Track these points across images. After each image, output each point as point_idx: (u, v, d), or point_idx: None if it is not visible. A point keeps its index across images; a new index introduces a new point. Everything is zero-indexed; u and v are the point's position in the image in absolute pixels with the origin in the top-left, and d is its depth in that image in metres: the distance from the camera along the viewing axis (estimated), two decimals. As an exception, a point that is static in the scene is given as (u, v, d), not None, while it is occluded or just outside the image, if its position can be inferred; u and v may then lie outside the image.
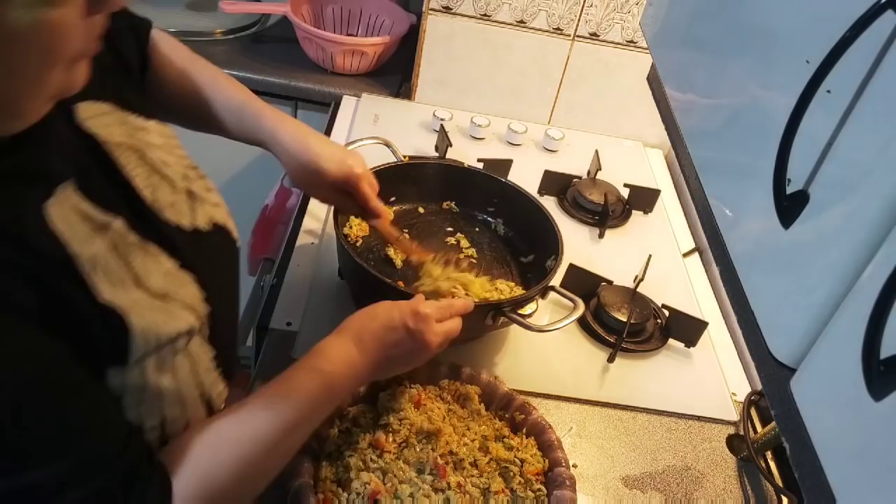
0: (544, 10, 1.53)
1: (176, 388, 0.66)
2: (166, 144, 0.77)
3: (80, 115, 0.68)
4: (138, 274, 0.65)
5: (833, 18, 0.53)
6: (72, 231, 0.60)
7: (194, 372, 0.69)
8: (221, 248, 0.81)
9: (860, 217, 0.49)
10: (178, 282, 0.69)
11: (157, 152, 0.74)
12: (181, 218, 0.74)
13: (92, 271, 0.60)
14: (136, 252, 0.65)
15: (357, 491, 0.82)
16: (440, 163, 1.28)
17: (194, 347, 0.69)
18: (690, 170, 0.81)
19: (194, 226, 0.76)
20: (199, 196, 0.78)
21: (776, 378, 0.57)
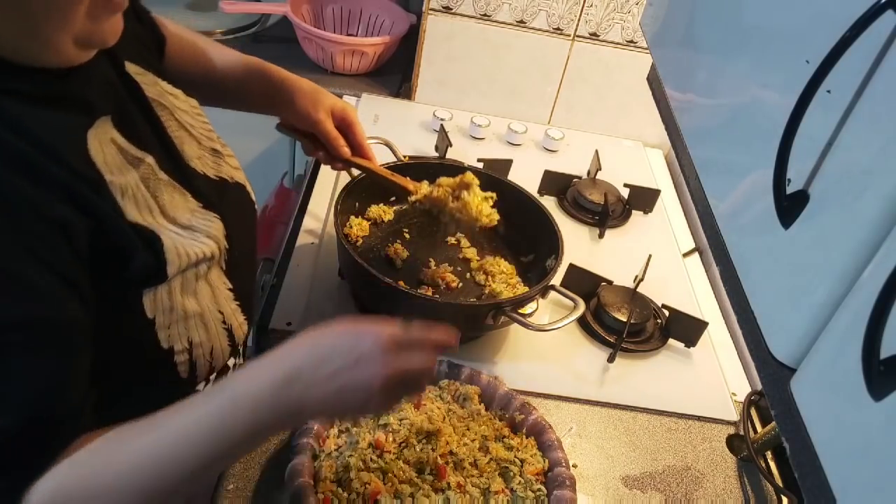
0: (544, 10, 1.53)
1: (199, 311, 0.73)
2: (191, 111, 0.85)
3: (129, 68, 0.76)
4: (165, 207, 0.71)
5: (833, 18, 0.53)
6: (106, 159, 0.66)
7: (215, 299, 0.75)
8: (241, 202, 0.88)
9: (860, 217, 0.49)
10: (203, 218, 0.75)
11: (183, 115, 0.82)
12: (207, 169, 0.81)
13: (121, 197, 0.66)
14: (165, 188, 0.72)
15: (357, 491, 0.82)
16: (440, 163, 1.28)
17: (213, 277, 0.75)
18: (690, 170, 0.81)
19: (219, 176, 0.83)
20: (223, 154, 0.86)
21: (776, 378, 0.57)
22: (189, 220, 0.74)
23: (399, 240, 1.19)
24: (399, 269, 1.15)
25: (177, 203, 0.73)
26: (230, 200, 0.83)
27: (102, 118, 0.68)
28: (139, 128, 0.73)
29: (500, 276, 1.15)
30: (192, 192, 0.76)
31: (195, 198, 0.76)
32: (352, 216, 1.18)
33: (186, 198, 0.75)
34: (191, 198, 0.76)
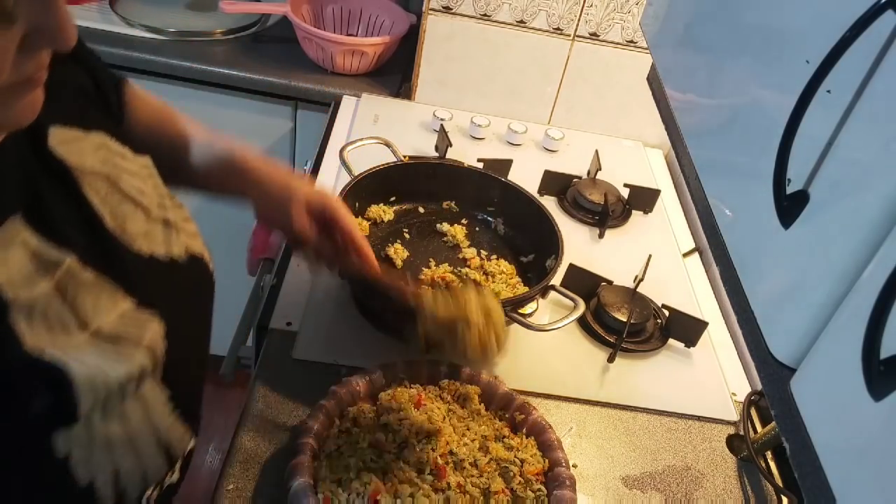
0: (544, 10, 1.53)
1: (126, 437, 0.60)
2: (142, 173, 0.72)
3: (52, 139, 0.63)
4: (86, 316, 0.58)
5: (833, 18, 0.53)
6: (10, 273, 0.54)
7: (148, 417, 0.63)
8: (196, 281, 0.75)
9: (860, 217, 0.49)
10: (135, 321, 0.62)
11: (132, 180, 0.69)
12: (155, 247, 0.69)
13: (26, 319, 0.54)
14: (88, 291, 0.59)
15: (357, 491, 0.82)
16: (440, 162, 1.28)
17: (147, 391, 0.62)
18: (690, 170, 0.81)
19: (169, 255, 0.70)
20: (176, 225, 0.73)
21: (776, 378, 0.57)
22: (116, 328, 0.60)
23: (399, 240, 1.19)
24: (399, 269, 1.15)
25: (102, 307, 0.60)
26: (180, 284, 0.71)
27: (10, 219, 0.55)
28: (60, 218, 0.60)
29: (500, 276, 1.15)
30: (127, 286, 0.63)
31: (130, 293, 0.63)
32: (352, 216, 1.18)
33: (116, 298, 0.61)
34: (122, 296, 0.62)
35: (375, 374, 0.95)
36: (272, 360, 1.03)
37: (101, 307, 0.60)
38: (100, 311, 0.60)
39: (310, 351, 1.04)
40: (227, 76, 1.61)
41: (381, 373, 0.95)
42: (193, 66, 1.61)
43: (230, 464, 0.89)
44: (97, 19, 1.67)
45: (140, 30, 1.67)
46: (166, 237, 0.70)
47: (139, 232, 0.67)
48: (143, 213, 0.68)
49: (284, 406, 0.96)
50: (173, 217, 0.73)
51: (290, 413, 0.96)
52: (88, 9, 1.71)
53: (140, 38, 1.65)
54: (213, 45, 1.71)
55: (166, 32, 1.68)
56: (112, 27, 1.66)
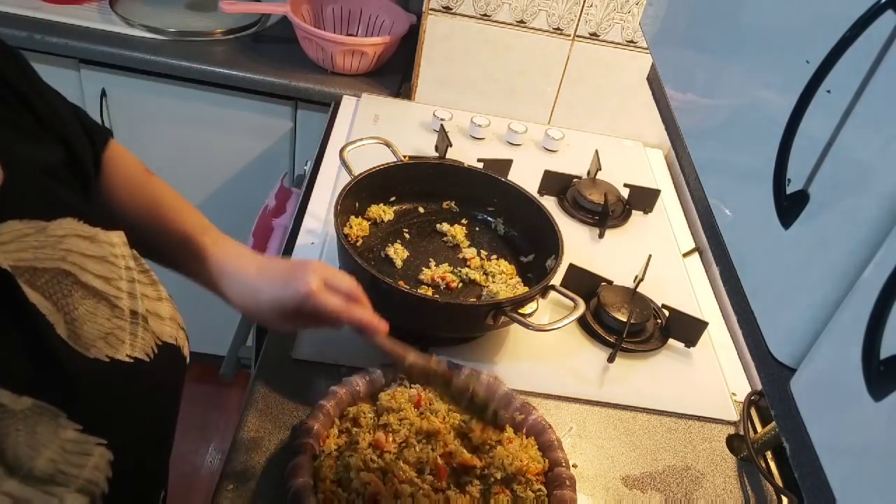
0: (544, 10, 1.53)
1: None
2: (111, 255, 0.65)
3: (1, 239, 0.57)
4: (16, 459, 0.52)
5: (833, 18, 0.53)
6: None
7: None
8: (162, 378, 0.68)
9: (860, 217, 0.49)
10: (77, 454, 0.56)
11: (97, 268, 0.63)
12: (117, 350, 0.62)
13: None
14: (24, 425, 0.53)
15: (357, 491, 0.82)
16: (440, 162, 1.28)
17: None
18: (690, 170, 0.81)
19: (133, 356, 0.63)
20: (144, 315, 0.66)
21: (776, 378, 0.57)
22: (54, 465, 0.54)
23: (399, 240, 1.19)
24: (399, 269, 1.15)
25: (38, 442, 0.53)
26: (141, 390, 0.64)
27: None
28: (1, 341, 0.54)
29: (500, 277, 1.15)
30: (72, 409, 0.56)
31: (75, 417, 0.56)
32: (352, 216, 1.18)
33: (56, 429, 0.55)
34: (65, 423, 0.55)
35: (375, 374, 0.95)
36: (272, 360, 1.03)
37: (37, 443, 0.54)
38: (35, 448, 0.54)
39: (310, 351, 1.04)
40: (227, 76, 1.61)
41: (381, 373, 0.95)
42: (193, 66, 1.61)
43: (230, 464, 0.89)
44: (97, 19, 1.67)
45: (140, 30, 1.67)
46: (132, 334, 0.64)
47: (99, 334, 0.61)
48: (107, 308, 0.62)
49: (284, 406, 0.96)
50: (143, 304, 0.66)
51: (290, 413, 0.96)
52: (88, 9, 1.71)
53: (140, 38, 1.65)
54: (213, 45, 1.71)
55: (166, 32, 1.68)
56: (112, 27, 1.66)
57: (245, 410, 0.96)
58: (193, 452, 2.08)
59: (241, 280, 0.81)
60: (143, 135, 1.73)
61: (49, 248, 0.60)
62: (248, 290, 0.81)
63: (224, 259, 0.82)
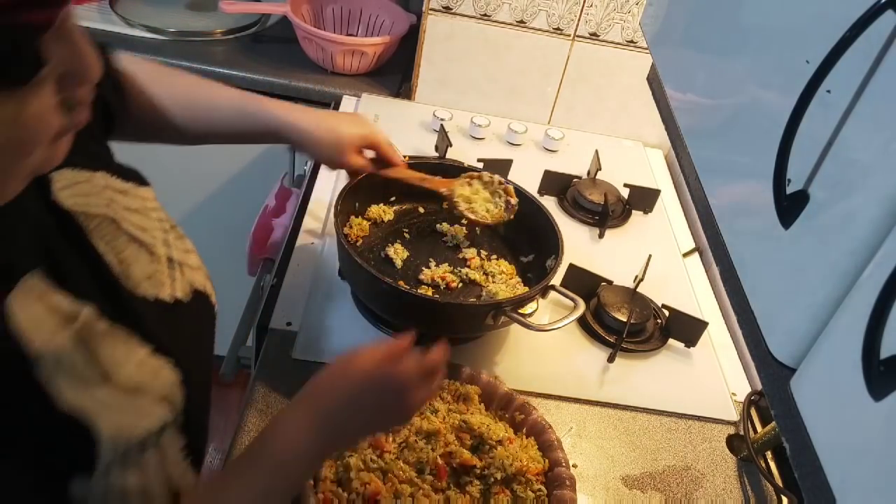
0: (544, 10, 1.53)
1: (142, 486, 0.60)
2: (144, 207, 0.72)
3: (56, 185, 0.63)
4: (107, 368, 0.58)
5: (833, 18, 0.53)
6: (36, 327, 0.54)
7: (163, 467, 0.63)
8: (200, 317, 0.75)
9: (860, 217, 0.49)
10: (152, 370, 0.63)
11: (134, 218, 0.69)
12: (160, 290, 0.68)
13: (55, 373, 0.54)
14: (106, 342, 0.59)
15: (357, 491, 0.82)
16: (440, 162, 1.28)
17: (164, 441, 0.63)
18: (690, 170, 0.81)
19: (174, 297, 0.69)
20: (179, 261, 0.72)
21: (776, 378, 0.57)
22: (135, 379, 0.60)
23: (399, 240, 1.19)
24: (399, 269, 1.15)
25: (120, 358, 0.60)
26: (186, 326, 0.70)
27: (28, 275, 0.55)
28: (73, 272, 0.60)
29: (500, 277, 1.15)
30: (141, 333, 0.63)
31: (145, 340, 0.63)
32: (352, 216, 1.18)
33: (132, 347, 0.62)
34: (137, 344, 0.62)
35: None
36: (272, 360, 1.03)
37: (120, 356, 0.60)
38: (118, 362, 0.59)
39: (310, 351, 1.04)
40: (227, 76, 1.61)
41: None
42: (193, 66, 1.61)
43: (230, 464, 0.89)
44: (97, 19, 1.67)
45: (140, 30, 1.67)
46: (171, 277, 0.70)
47: (143, 275, 0.67)
48: (147, 254, 0.68)
49: (284, 406, 0.96)
50: (176, 253, 0.72)
51: (290, 413, 0.96)
52: (88, 9, 1.71)
53: (140, 38, 1.65)
54: (213, 45, 1.71)
55: (166, 32, 1.68)
56: (112, 27, 1.66)
57: (245, 410, 0.96)
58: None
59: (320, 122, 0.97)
60: (143, 135, 1.72)
61: (95, 195, 0.66)
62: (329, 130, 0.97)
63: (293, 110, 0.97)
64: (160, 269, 0.69)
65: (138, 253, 0.68)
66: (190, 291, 0.72)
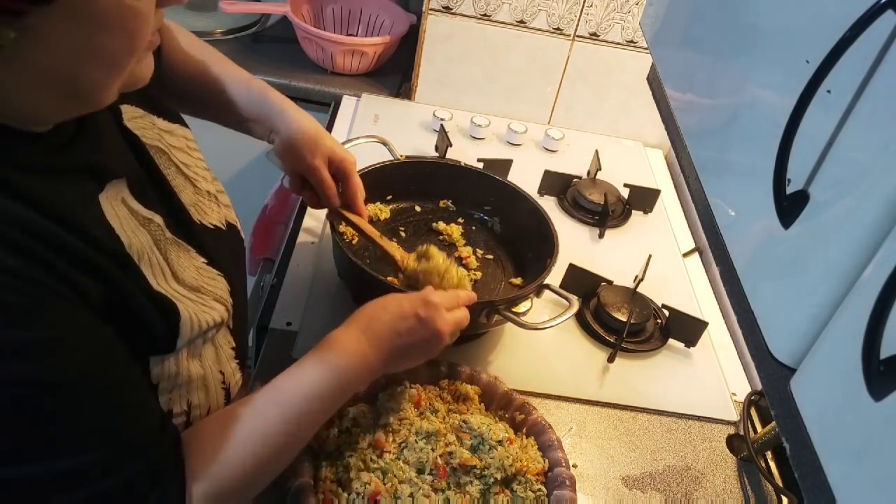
0: (544, 10, 1.53)
1: (202, 374, 0.71)
2: (187, 147, 0.81)
3: (124, 115, 0.73)
4: (175, 268, 0.69)
5: (833, 18, 0.53)
6: (122, 224, 0.64)
7: (218, 361, 0.74)
8: (235, 246, 0.85)
9: (860, 217, 0.49)
10: (208, 276, 0.73)
11: (179, 155, 0.79)
12: (203, 217, 0.78)
13: (141, 262, 0.64)
14: (172, 248, 0.70)
15: (357, 491, 0.82)
16: (437, 161, 1.28)
17: (219, 338, 0.74)
18: (690, 170, 0.81)
19: (214, 225, 0.80)
20: (216, 197, 0.83)
21: (776, 378, 0.57)
22: (196, 281, 0.71)
23: (395, 238, 1.19)
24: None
25: (184, 263, 0.71)
26: (226, 250, 0.80)
27: (113, 181, 0.66)
28: (145, 186, 0.71)
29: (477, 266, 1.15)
30: (196, 248, 0.74)
31: (200, 254, 0.74)
32: (349, 215, 1.18)
33: (191, 255, 0.73)
34: (195, 254, 0.73)
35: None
36: (272, 360, 1.03)
37: (183, 262, 0.70)
38: (183, 267, 0.70)
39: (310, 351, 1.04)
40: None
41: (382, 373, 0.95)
42: (193, 66, 1.61)
43: (230, 464, 0.89)
44: (97, 19, 1.67)
45: (140, 30, 1.67)
46: (211, 208, 0.80)
47: (190, 202, 0.77)
48: (191, 186, 0.78)
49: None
50: (213, 190, 0.83)
51: (290, 413, 0.95)
52: (88, 9, 1.71)
53: (140, 37, 1.65)
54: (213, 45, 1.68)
55: (166, 29, 1.67)
56: (112, 27, 1.66)
57: (245, 410, 0.95)
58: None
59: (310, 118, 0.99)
60: (143, 135, 1.73)
61: (149, 129, 0.76)
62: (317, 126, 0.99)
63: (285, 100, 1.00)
64: (203, 199, 0.80)
65: (185, 183, 0.78)
66: (225, 223, 0.83)
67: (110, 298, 0.60)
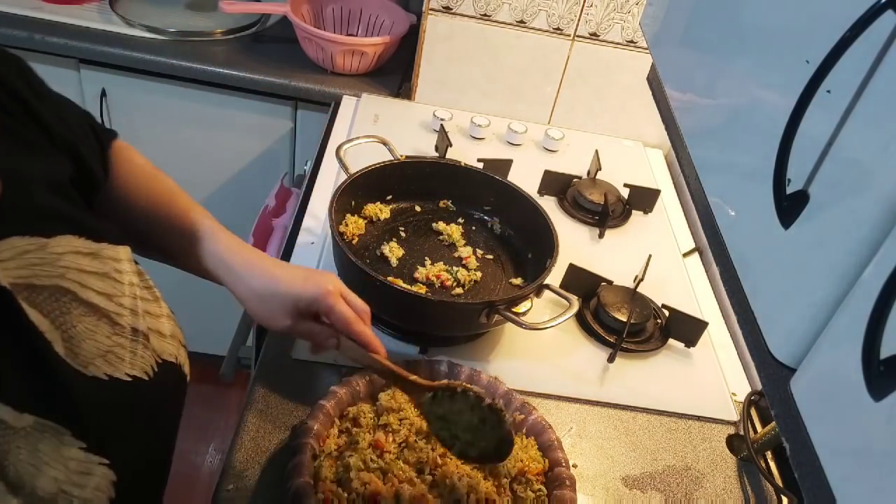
0: (544, 10, 1.53)
1: None
2: (114, 270, 0.65)
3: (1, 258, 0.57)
4: (20, 476, 0.52)
5: (833, 18, 0.53)
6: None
7: None
8: (163, 394, 0.68)
9: (860, 217, 0.49)
10: (82, 472, 0.56)
11: (99, 284, 0.63)
12: (116, 368, 0.62)
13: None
14: (26, 443, 0.53)
15: (357, 491, 0.82)
16: (437, 161, 1.28)
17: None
18: (690, 170, 0.81)
19: (132, 375, 0.63)
20: (146, 332, 0.66)
21: (776, 378, 0.57)
22: (55, 486, 0.54)
23: (395, 238, 1.19)
24: (394, 267, 1.15)
25: (42, 461, 0.53)
26: (141, 409, 0.64)
27: None
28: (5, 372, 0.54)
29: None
30: (76, 428, 0.56)
31: (79, 436, 0.56)
32: (348, 214, 1.18)
33: (60, 447, 0.55)
34: (69, 441, 0.56)
35: (375, 374, 0.95)
36: (272, 360, 1.03)
37: (40, 461, 0.54)
38: (38, 467, 0.53)
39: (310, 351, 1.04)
40: (227, 76, 1.61)
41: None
42: (193, 66, 1.61)
43: (230, 464, 0.89)
44: (97, 19, 1.67)
45: (140, 30, 1.67)
46: (132, 352, 0.64)
47: (98, 352, 0.61)
48: (107, 326, 0.62)
49: (284, 406, 0.96)
50: (145, 321, 0.66)
51: (290, 413, 0.96)
52: (88, 9, 1.71)
53: (140, 38, 1.65)
54: (213, 45, 1.71)
55: (166, 32, 1.68)
56: (112, 27, 1.66)
57: (245, 410, 0.96)
58: (193, 452, 2.08)
59: (260, 270, 0.82)
60: (143, 135, 1.73)
61: (48, 265, 0.59)
62: (266, 281, 0.82)
63: (239, 249, 0.83)
64: (121, 342, 0.63)
65: (96, 325, 0.62)
66: (154, 365, 0.65)
67: None
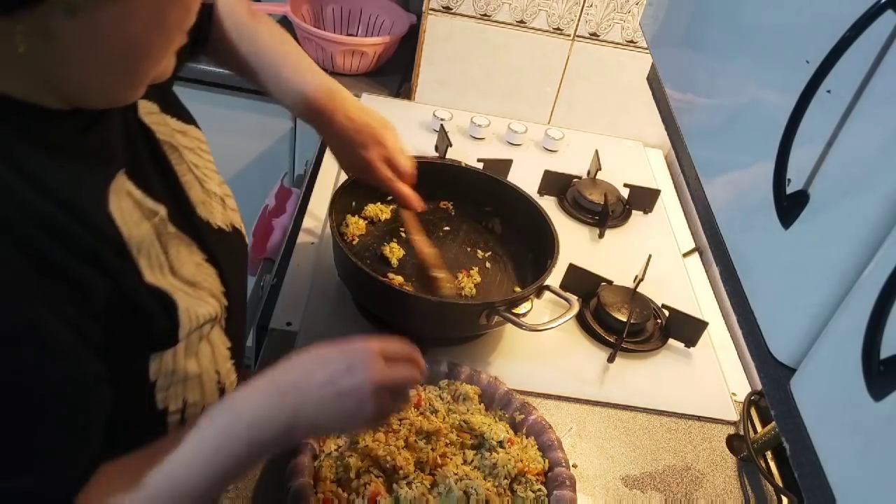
0: (544, 10, 1.53)
1: (199, 372, 0.70)
2: (197, 148, 0.82)
3: (140, 110, 0.73)
4: (173, 262, 0.68)
5: (833, 18, 0.53)
6: (124, 215, 0.64)
7: (214, 359, 0.73)
8: (238, 250, 0.84)
9: (860, 217, 0.49)
10: (205, 273, 0.72)
11: (189, 155, 0.79)
12: (209, 216, 0.78)
13: (138, 255, 0.64)
14: (174, 241, 0.69)
15: (357, 491, 0.82)
16: (438, 162, 1.28)
17: (214, 336, 0.73)
18: (690, 170, 0.81)
19: (218, 225, 0.79)
20: (223, 200, 0.83)
21: (776, 378, 0.57)
22: (194, 276, 0.70)
23: (395, 239, 1.19)
24: (394, 267, 1.15)
25: (183, 258, 0.70)
26: (228, 251, 0.79)
27: (121, 171, 0.66)
28: (151, 178, 0.70)
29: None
30: (198, 243, 0.73)
31: (200, 250, 0.73)
32: (348, 215, 1.18)
33: (192, 251, 0.72)
34: (196, 250, 0.72)
35: None
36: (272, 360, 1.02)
37: (182, 257, 0.70)
38: (182, 261, 0.70)
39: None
40: (227, 76, 1.61)
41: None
42: (193, 66, 1.60)
43: (230, 464, 0.89)
44: (97, 19, 1.67)
45: (140, 30, 1.66)
46: (216, 209, 0.80)
47: (198, 200, 0.77)
48: (199, 185, 0.78)
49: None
50: (220, 193, 0.83)
51: (290, 413, 0.95)
52: (88, 9, 1.71)
53: (140, 38, 1.65)
54: (213, 45, 1.70)
55: None
56: (112, 27, 1.65)
57: (245, 410, 0.95)
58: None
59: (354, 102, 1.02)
60: (143, 135, 1.73)
61: (163, 126, 0.76)
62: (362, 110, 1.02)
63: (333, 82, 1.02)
64: (209, 200, 0.79)
65: (193, 181, 0.77)
66: (230, 225, 0.82)
67: (111, 291, 0.59)
